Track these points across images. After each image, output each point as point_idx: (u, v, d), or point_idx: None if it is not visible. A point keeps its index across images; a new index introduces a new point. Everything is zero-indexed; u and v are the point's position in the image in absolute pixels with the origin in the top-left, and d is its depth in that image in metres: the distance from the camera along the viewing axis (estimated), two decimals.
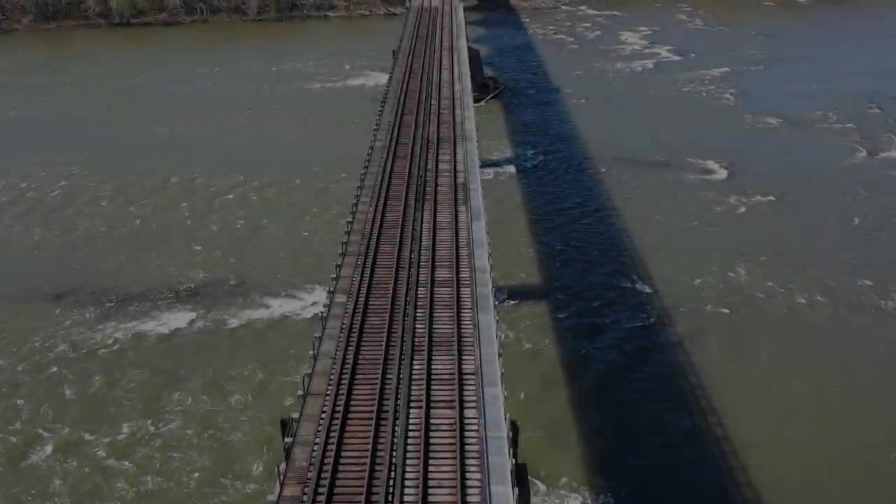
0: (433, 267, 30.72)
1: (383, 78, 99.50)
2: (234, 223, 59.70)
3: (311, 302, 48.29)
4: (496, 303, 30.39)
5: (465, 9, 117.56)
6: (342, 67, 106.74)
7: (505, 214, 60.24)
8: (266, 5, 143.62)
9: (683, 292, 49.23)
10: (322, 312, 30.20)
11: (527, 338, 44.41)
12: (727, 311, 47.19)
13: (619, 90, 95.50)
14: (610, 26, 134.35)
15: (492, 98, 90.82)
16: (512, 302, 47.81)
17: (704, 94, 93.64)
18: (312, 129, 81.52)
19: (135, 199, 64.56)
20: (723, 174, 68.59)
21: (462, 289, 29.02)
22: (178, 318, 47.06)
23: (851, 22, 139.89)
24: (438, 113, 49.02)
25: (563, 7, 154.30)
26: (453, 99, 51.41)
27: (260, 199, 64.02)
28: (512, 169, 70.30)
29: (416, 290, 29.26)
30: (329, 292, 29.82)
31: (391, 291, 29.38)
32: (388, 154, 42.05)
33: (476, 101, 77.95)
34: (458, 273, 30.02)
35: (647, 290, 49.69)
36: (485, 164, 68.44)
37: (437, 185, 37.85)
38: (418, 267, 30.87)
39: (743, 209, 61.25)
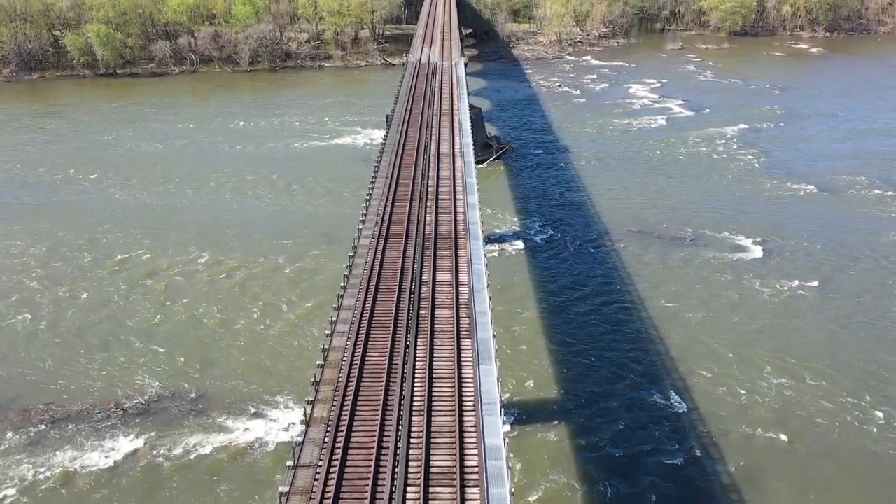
0: (427, 454, 22.37)
1: (377, 134, 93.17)
2: (201, 315, 51.79)
3: (281, 424, 40.20)
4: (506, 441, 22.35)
5: (465, 54, 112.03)
6: (334, 123, 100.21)
7: (512, 304, 52.51)
8: (259, 55, 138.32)
9: (728, 411, 41.22)
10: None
11: (544, 477, 36.20)
12: (785, 438, 39.09)
13: (630, 150, 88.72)
14: (617, 78, 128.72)
15: (495, 159, 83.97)
16: (524, 426, 39.74)
17: (724, 154, 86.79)
18: (298, 197, 74.22)
19: (85, 281, 56.74)
20: (756, 252, 61.04)
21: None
22: (121, 447, 38.84)
23: (862, 73, 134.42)
24: (437, 197, 41.60)
25: (567, 57, 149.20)
26: (454, 179, 44.10)
27: (233, 284, 56.23)
28: (519, 245, 62.77)
29: None
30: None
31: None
32: (374, 259, 34.26)
33: (478, 162, 71.17)
34: (462, 470, 21.73)
35: (685, 407, 41.64)
36: (489, 240, 61.14)
37: (433, 303, 30.10)
38: (406, 458, 22.64)
39: (785, 298, 53.50)
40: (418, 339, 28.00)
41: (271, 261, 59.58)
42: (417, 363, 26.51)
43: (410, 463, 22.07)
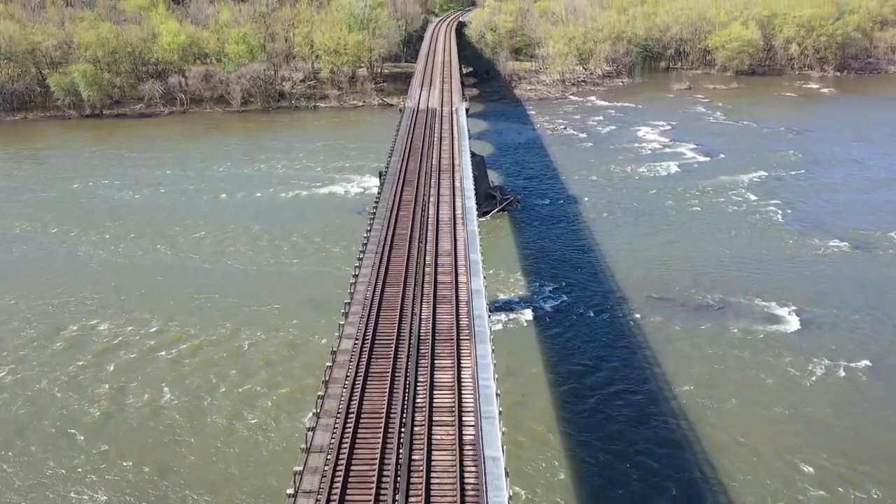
0: None
1: (371, 182, 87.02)
2: (161, 405, 44.94)
3: None
4: None
5: (466, 95, 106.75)
6: (326, 169, 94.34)
7: (522, 389, 45.79)
8: (251, 95, 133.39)
9: None
10: None
11: None
12: None
13: (643, 200, 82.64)
14: (624, 120, 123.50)
15: (499, 211, 77.86)
16: None
17: (744, 205, 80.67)
18: (282, 255, 67.82)
19: (28, 363, 50.03)
20: (793, 324, 54.40)
21: None
22: None
23: (876, 115, 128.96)
24: (435, 281, 35.15)
25: (571, 97, 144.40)
26: (455, 255, 37.71)
27: (201, 363, 49.48)
28: (527, 314, 56.18)
29: None
30: None
31: None
32: (356, 373, 27.46)
33: (481, 214, 65.10)
34: None
35: None
36: (494, 308, 54.55)
37: (430, 444, 23.31)
38: None
39: (833, 384, 46.73)
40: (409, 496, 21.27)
41: (247, 334, 52.91)
42: None
43: None
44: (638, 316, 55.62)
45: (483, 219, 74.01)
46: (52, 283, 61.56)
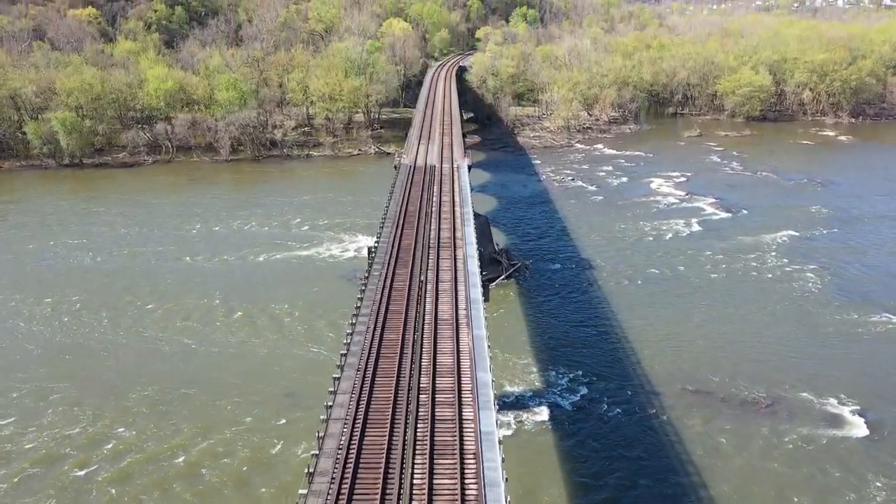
0: None
1: (363, 242, 79.12)
2: None
3: None
4: None
5: (468, 147, 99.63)
6: (315, 227, 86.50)
7: None
8: (241, 144, 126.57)
9: None
10: None
11: None
12: None
13: (664, 264, 74.67)
14: (634, 170, 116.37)
15: (505, 278, 69.79)
16: None
17: (777, 272, 72.68)
18: (259, 333, 59.42)
19: None
20: (859, 427, 45.90)
21: None
22: None
23: None
24: (432, 416, 26.77)
25: (577, 145, 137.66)
26: (458, 374, 29.51)
27: (148, 485, 40.73)
28: (542, 412, 47.69)
29: None
30: None
31: None
32: None
33: (486, 282, 57.05)
34: None
35: None
36: (503, 405, 46.08)
37: None
38: None
39: None
40: None
41: (208, 444, 44.26)
42: None
43: None
44: (673, 416, 47.11)
45: (489, 287, 66.05)
46: None
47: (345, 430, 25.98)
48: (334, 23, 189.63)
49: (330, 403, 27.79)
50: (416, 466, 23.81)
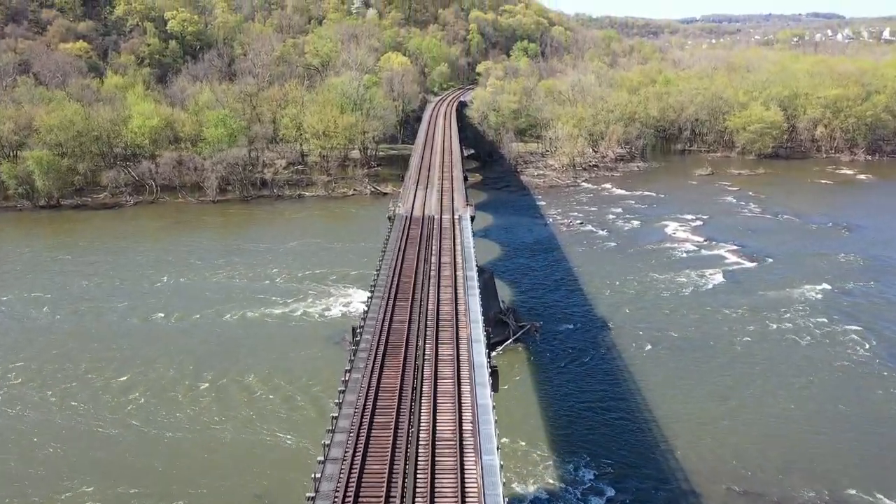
0: None
1: (357, 297, 71.92)
2: None
3: None
4: None
5: (469, 186, 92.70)
6: (305, 277, 78.98)
7: None
8: (229, 183, 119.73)
9: None
10: None
11: None
12: None
13: (688, 326, 66.91)
14: (647, 212, 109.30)
15: (513, 342, 62.08)
16: None
17: (817, 333, 64.89)
18: (227, 411, 51.30)
19: None
20: None
21: None
22: None
23: None
24: None
25: (584, 185, 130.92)
26: (462, 480, 21.78)
27: None
28: None
29: None
30: None
31: None
32: None
33: (491, 346, 49.44)
34: None
35: None
36: None
37: None
38: None
39: None
40: None
41: None
42: None
43: None
44: None
45: (493, 353, 58.45)
46: None
47: None
48: (331, 57, 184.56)
49: None
50: None
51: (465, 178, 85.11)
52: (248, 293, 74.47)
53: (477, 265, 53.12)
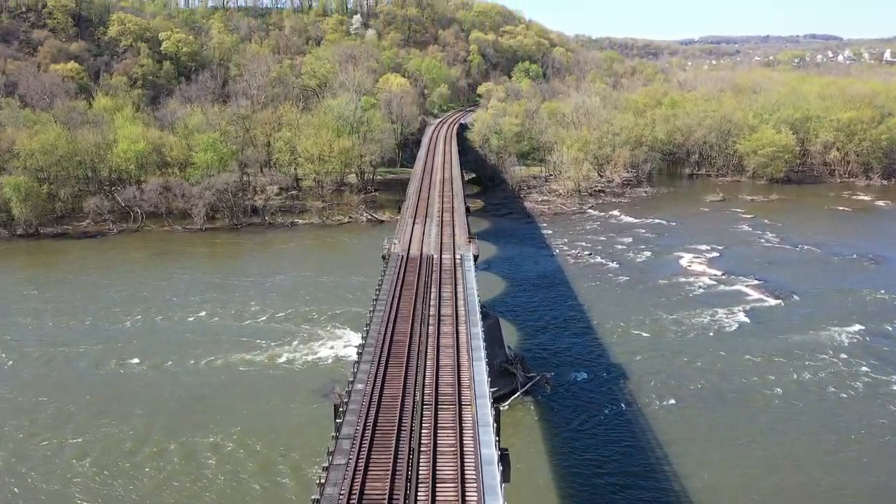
0: None
1: (349, 338, 65.84)
2: None
3: None
4: None
5: (470, 213, 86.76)
6: (291, 316, 72.77)
7: None
8: (218, 211, 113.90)
9: None
10: None
11: None
12: None
13: (714, 375, 60.57)
14: (658, 242, 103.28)
15: (521, 394, 55.74)
16: None
17: (858, 386, 58.43)
18: (200, 490, 44.86)
19: None
20: None
21: None
22: None
23: None
24: None
25: (591, 211, 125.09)
26: None
27: None
28: None
29: None
30: None
31: None
32: None
33: (497, 399, 43.43)
34: None
35: None
36: None
37: None
38: None
39: None
40: None
41: None
42: None
43: None
44: None
45: (501, 407, 52.27)
46: None
47: None
48: (328, 78, 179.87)
49: None
50: None
51: (467, 210, 79.27)
52: (229, 335, 68.18)
53: (481, 309, 47.20)
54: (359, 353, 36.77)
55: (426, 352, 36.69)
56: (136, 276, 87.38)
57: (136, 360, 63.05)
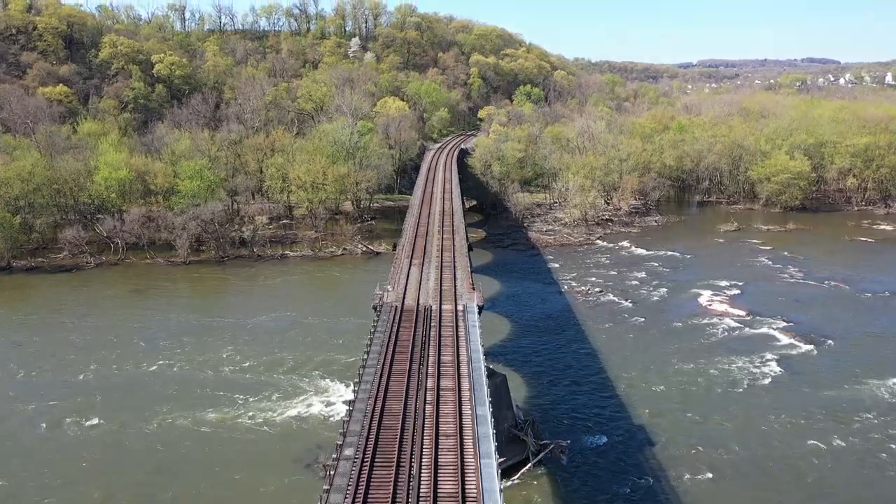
0: None
1: (340, 393, 58.75)
2: None
3: None
4: None
5: (471, 244, 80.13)
6: (274, 365, 65.66)
7: None
8: (203, 242, 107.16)
9: None
10: None
11: None
12: None
13: (751, 439, 53.30)
14: (674, 278, 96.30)
15: (532, 466, 48.47)
16: None
17: None
18: None
19: None
20: None
21: None
22: None
23: None
24: None
25: (599, 242, 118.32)
26: None
27: None
28: None
29: None
30: None
31: None
32: None
33: (505, 473, 36.66)
34: None
35: None
36: None
37: None
38: None
39: None
40: None
41: None
42: None
43: None
44: None
45: (509, 482, 45.40)
46: None
47: None
48: (325, 102, 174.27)
49: None
50: None
51: (470, 248, 72.43)
52: (202, 387, 60.97)
53: (487, 368, 40.23)
54: (340, 440, 29.65)
55: (422, 442, 29.54)
56: (107, 317, 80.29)
57: (96, 420, 55.84)
